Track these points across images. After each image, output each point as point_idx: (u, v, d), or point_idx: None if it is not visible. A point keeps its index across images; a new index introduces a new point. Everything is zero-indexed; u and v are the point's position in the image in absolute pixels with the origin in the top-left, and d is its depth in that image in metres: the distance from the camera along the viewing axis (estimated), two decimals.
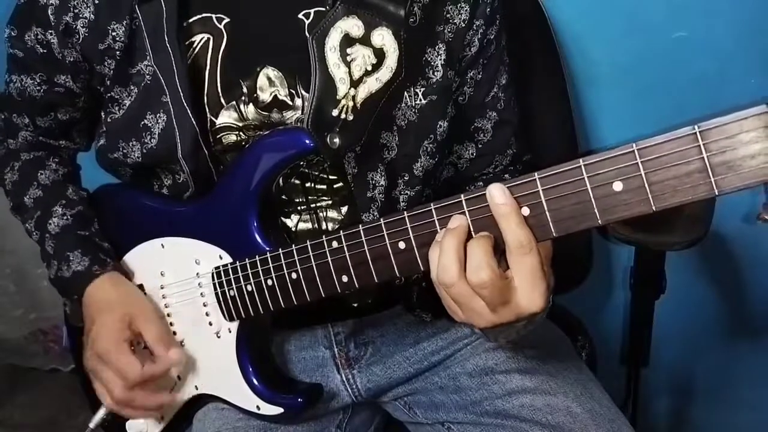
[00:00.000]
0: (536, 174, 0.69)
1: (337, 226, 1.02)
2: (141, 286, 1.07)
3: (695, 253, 1.48)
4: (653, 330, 1.37)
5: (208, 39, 0.97)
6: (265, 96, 0.97)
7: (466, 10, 1.00)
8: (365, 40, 0.91)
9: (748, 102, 0.60)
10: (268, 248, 0.94)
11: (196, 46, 0.97)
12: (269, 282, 0.93)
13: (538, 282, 0.72)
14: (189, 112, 0.94)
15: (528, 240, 0.71)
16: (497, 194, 0.71)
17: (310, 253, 0.88)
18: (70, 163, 1.20)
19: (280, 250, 0.91)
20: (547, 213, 0.70)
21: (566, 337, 1.19)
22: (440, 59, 0.99)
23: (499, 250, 0.73)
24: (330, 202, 1.02)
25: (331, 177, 1.01)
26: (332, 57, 0.90)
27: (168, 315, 1.06)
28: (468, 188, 1.12)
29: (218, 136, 0.98)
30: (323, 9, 0.95)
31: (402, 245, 0.79)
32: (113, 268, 1.05)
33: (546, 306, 0.74)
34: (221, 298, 0.99)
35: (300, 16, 0.97)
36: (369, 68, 0.91)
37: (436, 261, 0.74)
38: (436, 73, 0.99)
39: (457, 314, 0.77)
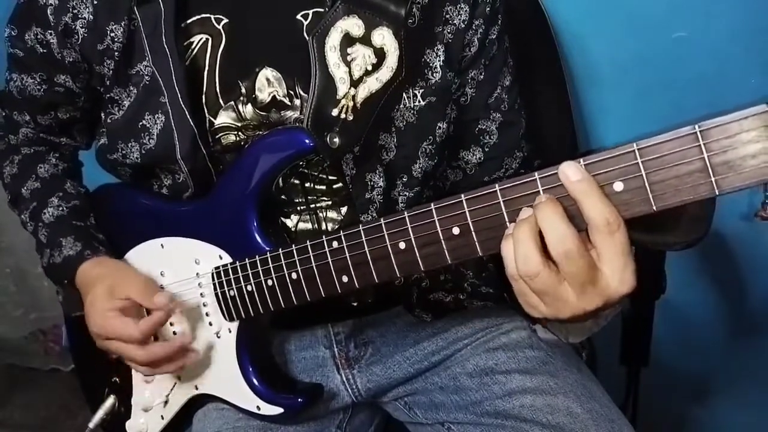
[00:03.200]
0: (536, 174, 0.68)
1: (336, 227, 1.02)
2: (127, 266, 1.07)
3: (695, 253, 1.48)
4: (653, 330, 1.37)
5: (207, 40, 0.97)
6: (263, 96, 0.97)
7: (466, 11, 1.00)
8: (365, 40, 0.90)
9: (749, 102, 0.60)
10: (268, 248, 0.94)
11: (195, 47, 0.97)
12: (269, 282, 0.93)
13: (629, 260, 0.67)
14: (187, 113, 0.94)
15: (615, 215, 0.65)
16: (573, 172, 0.66)
17: (310, 254, 0.88)
18: (71, 159, 1.20)
19: (280, 250, 0.91)
20: None
21: None
22: (439, 60, 0.99)
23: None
24: (329, 202, 1.02)
25: (330, 177, 1.01)
26: (332, 57, 0.90)
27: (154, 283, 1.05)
28: None
29: (217, 137, 0.98)
30: (322, 10, 0.95)
31: (402, 245, 0.79)
32: (105, 254, 1.05)
33: (634, 286, 0.69)
34: (221, 298, 0.99)
35: (298, 17, 0.97)
36: (369, 68, 0.91)
37: (511, 254, 0.69)
38: (434, 75, 0.99)
39: (538, 308, 0.71)
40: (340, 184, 1.01)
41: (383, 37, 0.91)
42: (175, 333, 1.02)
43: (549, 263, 0.67)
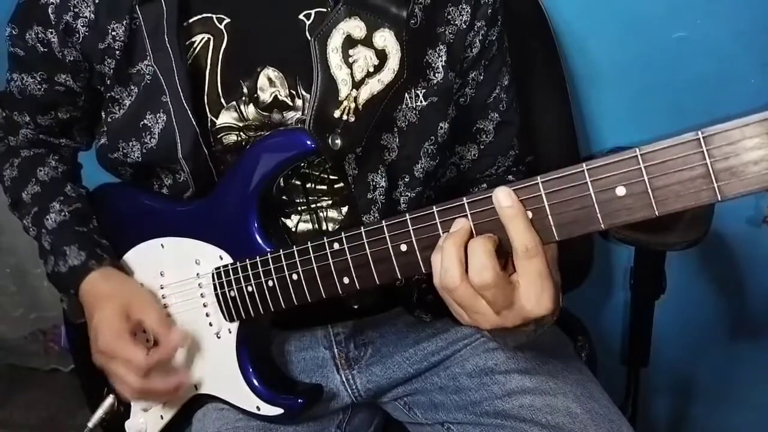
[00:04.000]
0: (539, 178, 0.69)
1: (337, 227, 1.02)
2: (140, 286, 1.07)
3: (695, 253, 1.48)
4: (653, 330, 1.37)
5: (209, 39, 0.97)
6: (265, 96, 0.97)
7: (467, 11, 1.00)
8: (367, 42, 0.90)
9: (748, 104, 0.60)
10: (268, 249, 0.94)
11: (197, 47, 0.97)
12: (270, 283, 0.93)
13: (546, 285, 0.72)
14: (189, 112, 0.94)
15: (535, 243, 0.70)
16: (503, 197, 0.70)
17: (311, 254, 0.88)
18: (71, 161, 1.20)
19: (281, 251, 0.91)
20: (549, 217, 0.69)
21: (566, 338, 1.19)
22: (441, 61, 0.99)
23: (503, 252, 0.73)
24: (330, 202, 1.02)
25: (331, 177, 1.01)
26: (334, 58, 0.90)
27: (168, 315, 1.06)
28: (471, 190, 1.12)
29: (219, 136, 0.98)
30: (324, 10, 0.95)
31: (404, 247, 0.79)
32: (109, 263, 1.05)
33: (556, 308, 0.73)
34: (221, 299, 0.99)
35: (301, 16, 0.96)
36: (371, 69, 0.90)
37: (438, 265, 0.74)
38: (437, 75, 0.99)
39: (462, 317, 0.77)
40: (341, 184, 1.01)
41: (385, 38, 0.91)
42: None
43: (468, 280, 0.72)
